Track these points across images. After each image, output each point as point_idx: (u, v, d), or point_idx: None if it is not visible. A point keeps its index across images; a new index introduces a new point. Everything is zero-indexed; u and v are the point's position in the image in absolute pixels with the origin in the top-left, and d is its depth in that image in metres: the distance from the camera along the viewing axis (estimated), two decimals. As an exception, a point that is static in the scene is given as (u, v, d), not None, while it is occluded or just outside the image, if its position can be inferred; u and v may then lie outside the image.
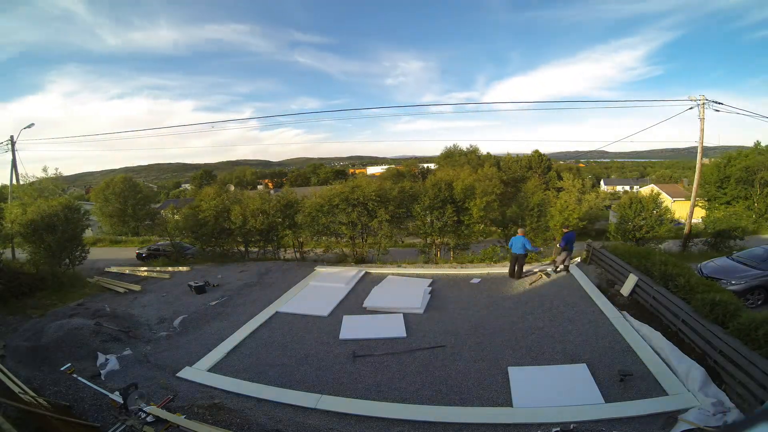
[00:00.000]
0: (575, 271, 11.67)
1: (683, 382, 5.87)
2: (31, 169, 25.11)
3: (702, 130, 17.51)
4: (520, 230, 11.53)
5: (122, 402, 5.22)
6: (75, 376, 6.60)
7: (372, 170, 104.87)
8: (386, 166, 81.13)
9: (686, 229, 18.65)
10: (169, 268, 15.45)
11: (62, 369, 6.80)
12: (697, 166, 18.64)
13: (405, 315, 9.08)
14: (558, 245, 11.64)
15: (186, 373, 6.95)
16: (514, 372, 6.49)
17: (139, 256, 20.99)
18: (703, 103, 17.21)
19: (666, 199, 30.68)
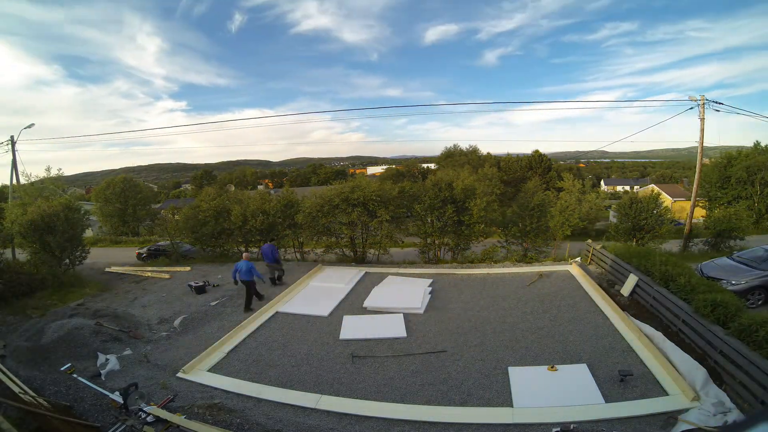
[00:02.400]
0: (575, 271, 11.68)
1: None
2: (40, 169, 24.88)
3: (702, 130, 17.49)
4: (245, 254, 9.68)
5: (122, 402, 5.24)
6: (75, 376, 6.61)
7: (372, 170, 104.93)
8: (386, 166, 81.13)
9: (686, 229, 18.62)
10: (178, 268, 15.47)
11: (62, 369, 6.83)
12: (698, 166, 18.62)
13: (405, 315, 9.09)
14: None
15: (186, 373, 6.96)
16: (514, 372, 6.50)
17: (139, 256, 21.02)
18: (703, 103, 17.20)
19: (666, 199, 30.68)
